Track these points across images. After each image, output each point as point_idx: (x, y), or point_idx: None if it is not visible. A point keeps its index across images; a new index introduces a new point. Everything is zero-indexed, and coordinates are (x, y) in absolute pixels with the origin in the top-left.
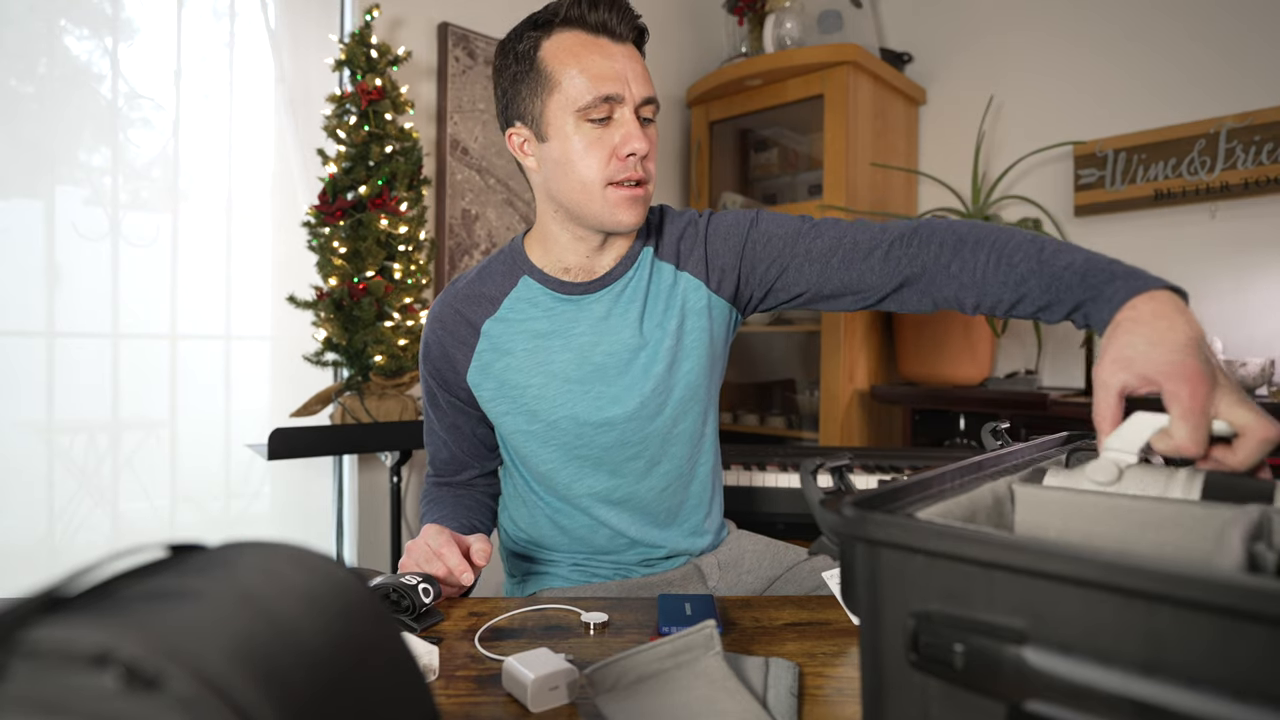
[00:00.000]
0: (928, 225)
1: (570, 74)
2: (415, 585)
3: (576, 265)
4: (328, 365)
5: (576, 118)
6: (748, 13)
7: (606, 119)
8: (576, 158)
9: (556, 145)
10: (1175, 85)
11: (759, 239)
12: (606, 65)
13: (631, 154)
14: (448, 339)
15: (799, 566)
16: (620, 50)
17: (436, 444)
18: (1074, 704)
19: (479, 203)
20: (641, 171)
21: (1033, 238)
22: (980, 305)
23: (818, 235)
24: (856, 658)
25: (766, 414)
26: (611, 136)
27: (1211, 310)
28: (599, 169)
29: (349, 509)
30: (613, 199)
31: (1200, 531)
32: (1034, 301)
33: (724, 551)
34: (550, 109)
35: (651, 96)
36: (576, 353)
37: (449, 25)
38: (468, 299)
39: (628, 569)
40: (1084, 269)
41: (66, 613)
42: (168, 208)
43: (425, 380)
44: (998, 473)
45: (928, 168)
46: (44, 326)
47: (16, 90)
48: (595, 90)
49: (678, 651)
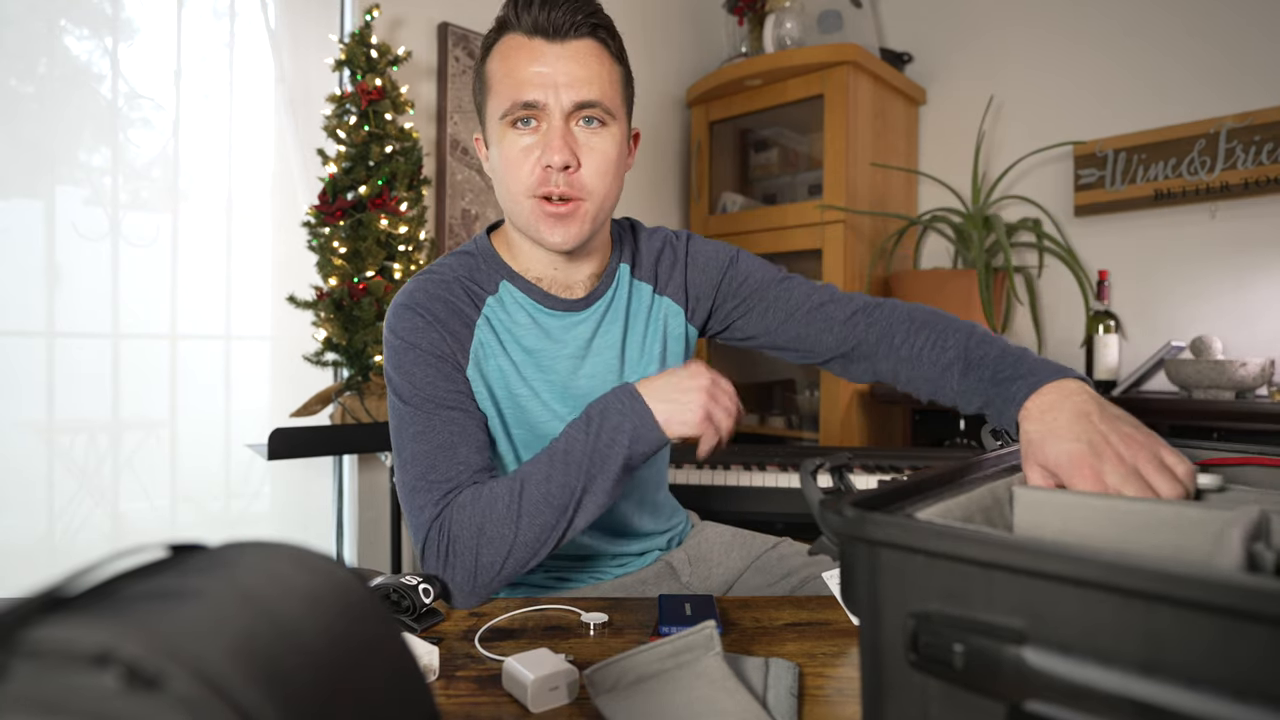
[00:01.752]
0: (891, 304)
1: (499, 79)
2: (415, 585)
3: (549, 277)
4: (328, 365)
5: (503, 125)
6: (748, 13)
7: (535, 126)
8: (504, 166)
9: (495, 152)
10: (1175, 85)
11: (736, 276)
12: (529, 69)
13: (549, 166)
14: (447, 331)
15: (767, 554)
16: (555, 52)
17: (469, 449)
18: (1073, 704)
19: (479, 203)
20: (565, 186)
21: (970, 328)
22: (910, 385)
23: (790, 289)
24: (856, 658)
25: (766, 414)
26: (537, 144)
27: (1211, 310)
28: (522, 180)
29: (349, 509)
30: (536, 213)
31: (1198, 533)
32: (951, 391)
33: (692, 545)
34: (488, 115)
35: (587, 101)
36: (562, 375)
37: (449, 25)
38: (456, 292)
39: (601, 573)
40: (995, 366)
41: (67, 612)
42: (168, 208)
43: (432, 378)
44: (997, 473)
45: (928, 168)
46: (44, 326)
47: (16, 90)
48: (513, 95)
49: (678, 651)
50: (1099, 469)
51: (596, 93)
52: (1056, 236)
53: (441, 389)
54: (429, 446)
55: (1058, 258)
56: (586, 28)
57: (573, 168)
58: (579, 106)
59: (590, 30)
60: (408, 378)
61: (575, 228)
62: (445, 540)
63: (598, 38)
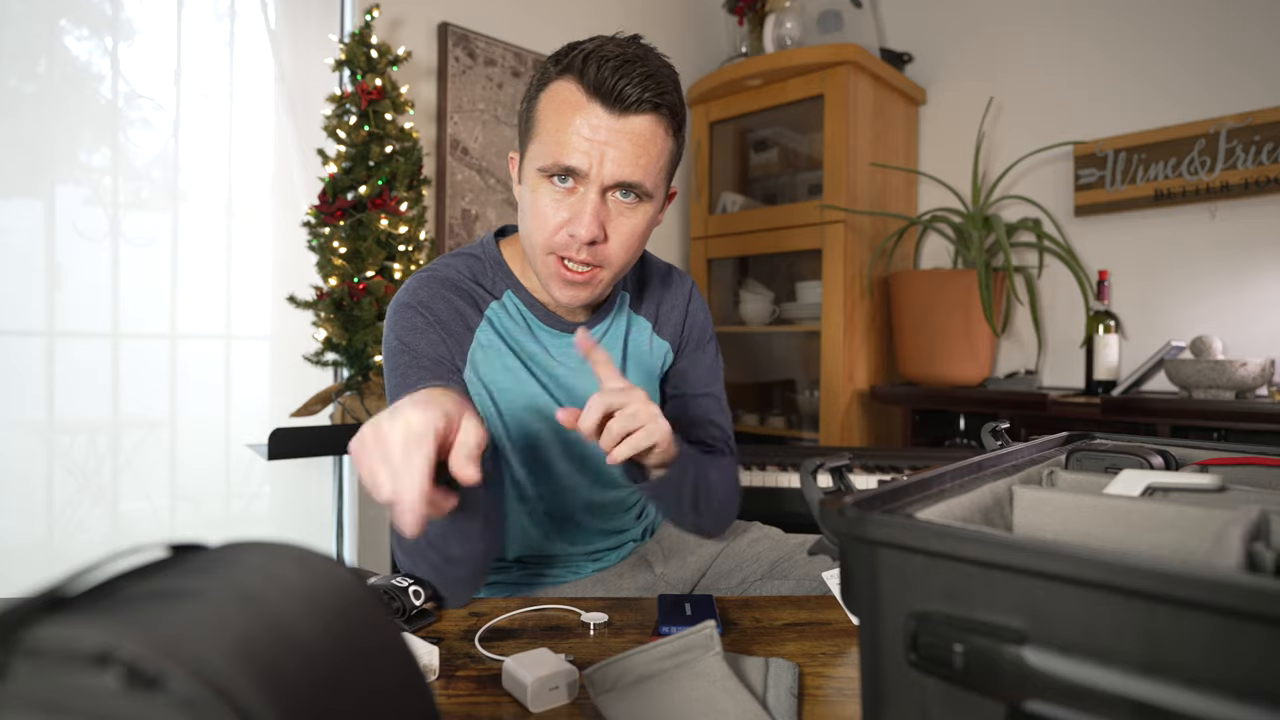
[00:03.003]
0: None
1: (547, 129)
2: (406, 588)
3: (551, 300)
4: (328, 365)
5: (540, 174)
6: (748, 13)
7: (570, 188)
8: (530, 213)
9: (525, 192)
10: (1175, 85)
11: (698, 359)
12: (579, 133)
13: (574, 235)
14: (446, 333)
15: (736, 541)
16: (610, 124)
17: None
18: (1073, 704)
19: (479, 203)
20: (587, 255)
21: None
22: None
23: (707, 387)
24: (856, 658)
25: (766, 414)
26: (568, 206)
27: (1211, 310)
28: (546, 234)
29: (349, 509)
30: (552, 269)
31: (1198, 533)
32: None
33: (666, 539)
34: (528, 155)
35: (628, 181)
36: (554, 396)
37: (449, 25)
38: (459, 293)
39: (577, 568)
40: None
41: (67, 612)
42: (168, 208)
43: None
44: (997, 473)
45: (928, 168)
46: (44, 326)
47: (17, 90)
48: (557, 156)
49: (678, 651)
50: None
51: (640, 175)
52: (1056, 236)
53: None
54: None
55: (1058, 258)
56: (650, 105)
57: (599, 241)
58: (619, 184)
59: (654, 108)
60: (401, 379)
61: (587, 293)
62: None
63: (659, 115)
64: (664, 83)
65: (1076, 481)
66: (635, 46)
